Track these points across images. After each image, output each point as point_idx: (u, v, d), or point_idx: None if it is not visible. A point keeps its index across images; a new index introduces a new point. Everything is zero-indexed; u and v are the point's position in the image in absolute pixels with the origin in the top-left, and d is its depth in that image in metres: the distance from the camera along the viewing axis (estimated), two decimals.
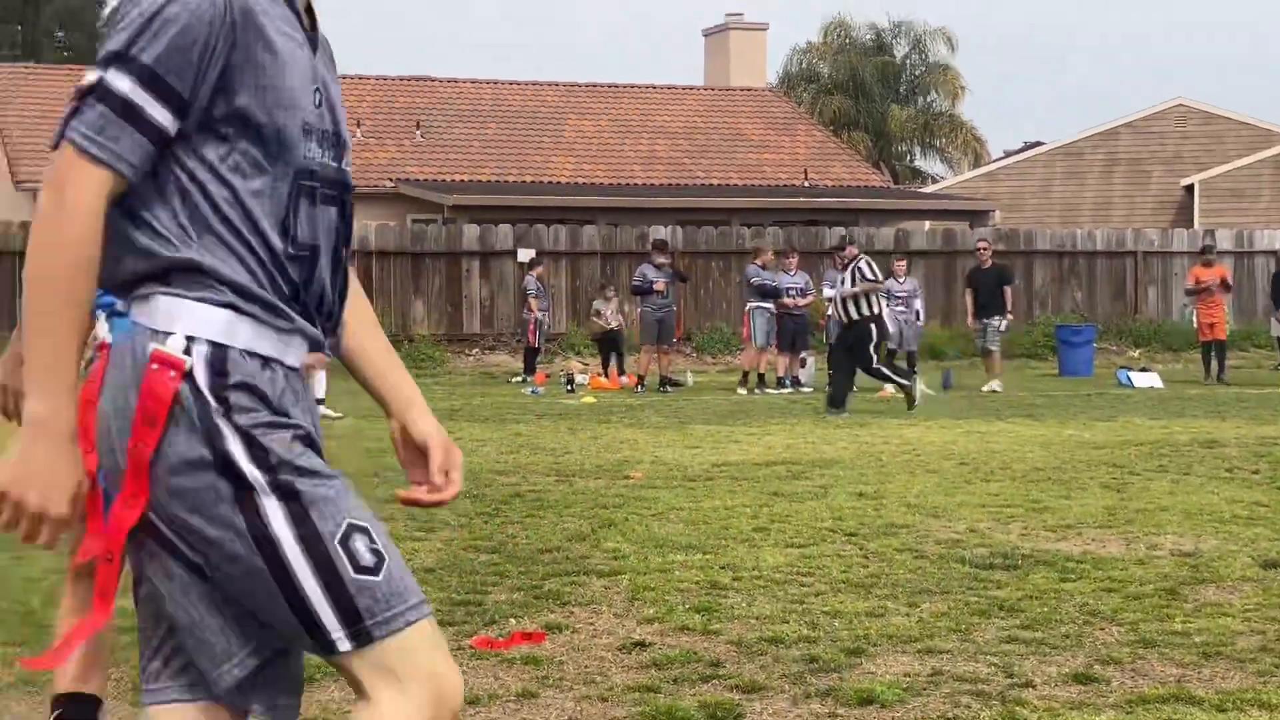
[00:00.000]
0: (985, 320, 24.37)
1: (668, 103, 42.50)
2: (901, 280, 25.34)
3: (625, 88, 43.10)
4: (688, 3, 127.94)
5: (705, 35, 46.28)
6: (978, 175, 46.81)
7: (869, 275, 19.07)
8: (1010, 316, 24.84)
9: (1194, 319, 26.71)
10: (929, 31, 55.82)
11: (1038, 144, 48.56)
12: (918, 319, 25.94)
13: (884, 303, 19.92)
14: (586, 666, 6.01)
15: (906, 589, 7.46)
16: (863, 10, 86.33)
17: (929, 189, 47.86)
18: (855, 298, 18.96)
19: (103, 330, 2.97)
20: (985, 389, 23.04)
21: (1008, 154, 51.76)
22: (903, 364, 24.09)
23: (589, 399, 21.80)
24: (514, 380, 26.02)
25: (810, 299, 24.78)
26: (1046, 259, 34.74)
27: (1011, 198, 42.69)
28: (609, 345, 25.82)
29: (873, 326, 19.06)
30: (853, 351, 19.01)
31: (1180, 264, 35.07)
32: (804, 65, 56.68)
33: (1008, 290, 24.64)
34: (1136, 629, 6.58)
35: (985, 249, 25.54)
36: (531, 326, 26.11)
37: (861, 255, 19.70)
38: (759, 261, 24.80)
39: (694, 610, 6.95)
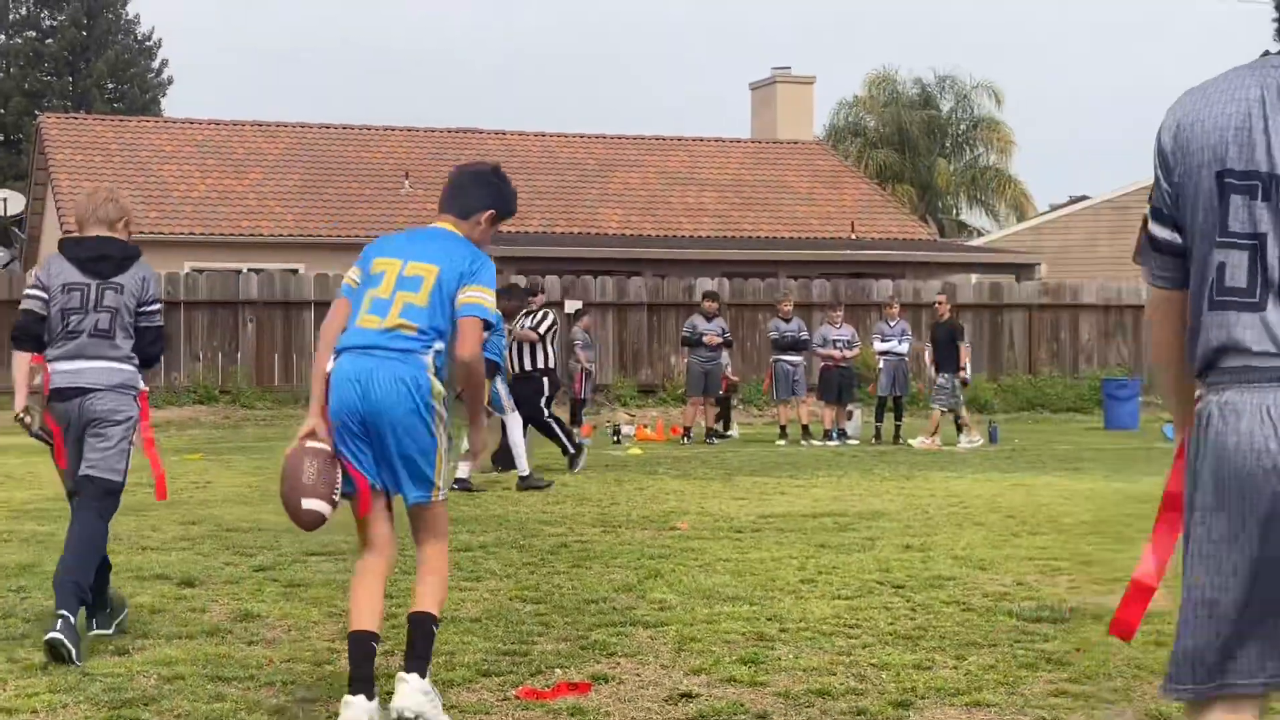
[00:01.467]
0: (942, 375, 23.56)
1: (715, 155, 42.60)
2: (892, 325, 24.72)
3: (672, 140, 43.24)
4: (735, 56, 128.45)
5: (752, 89, 46.42)
6: (1023, 229, 46.74)
7: (544, 326, 17.82)
8: (962, 372, 23.60)
9: None
10: (974, 86, 55.88)
11: (1084, 198, 48.45)
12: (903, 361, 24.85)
13: (554, 353, 18.29)
14: (633, 717, 5.99)
15: (954, 641, 7.41)
16: (908, 64, 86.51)
17: (975, 242, 47.80)
18: (531, 348, 17.65)
19: None
20: (961, 447, 22.54)
21: (1054, 207, 51.65)
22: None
23: (635, 450, 21.80)
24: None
25: (856, 351, 24.72)
26: (1092, 313, 34.61)
27: (1057, 251, 42.58)
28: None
29: (545, 380, 17.75)
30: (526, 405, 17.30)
31: None
32: (850, 119, 56.79)
33: (960, 346, 23.87)
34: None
35: (942, 302, 24.86)
36: (578, 377, 26.07)
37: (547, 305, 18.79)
38: (781, 314, 24.89)
39: (741, 662, 6.92)
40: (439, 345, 5.89)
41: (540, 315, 17.96)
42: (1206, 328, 3.34)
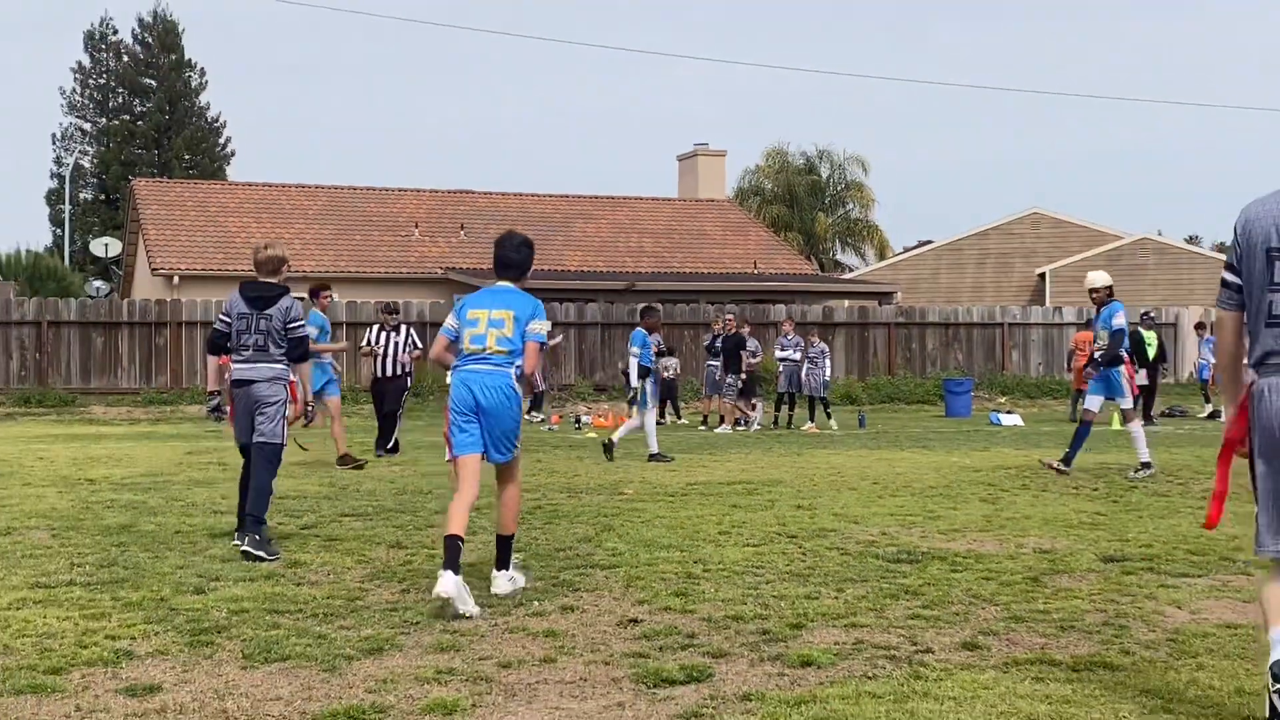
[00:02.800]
0: (729, 376, 23.56)
1: (651, 210, 42.54)
2: (788, 338, 24.56)
3: (619, 199, 43.14)
4: (667, 134, 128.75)
5: (679, 159, 46.39)
6: (883, 266, 46.89)
7: (403, 338, 17.09)
8: (743, 375, 23.45)
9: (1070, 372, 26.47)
10: (847, 158, 56.05)
11: (928, 242, 48.65)
12: (815, 368, 24.75)
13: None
14: (593, 638, 5.97)
15: (835, 578, 7.42)
16: (796, 139, 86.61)
17: (847, 276, 47.94)
18: (395, 359, 16.88)
19: None
20: (718, 430, 22.72)
21: (906, 249, 51.84)
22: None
23: (592, 434, 21.73)
24: (532, 420, 25.86)
25: (760, 359, 24.69)
26: (935, 329, 34.76)
27: (909, 282, 42.77)
28: (667, 390, 25.90)
29: (407, 379, 17.04)
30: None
31: (1036, 333, 35.15)
32: (751, 183, 56.81)
33: (742, 354, 23.52)
34: (1009, 608, 6.56)
35: (731, 320, 24.73)
36: (541, 380, 25.87)
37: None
38: (715, 330, 24.89)
39: (674, 594, 6.91)
40: (518, 363, 7.02)
41: (404, 331, 17.20)
42: (1263, 339, 4.35)
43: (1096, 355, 13.86)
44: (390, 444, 16.86)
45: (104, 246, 44.61)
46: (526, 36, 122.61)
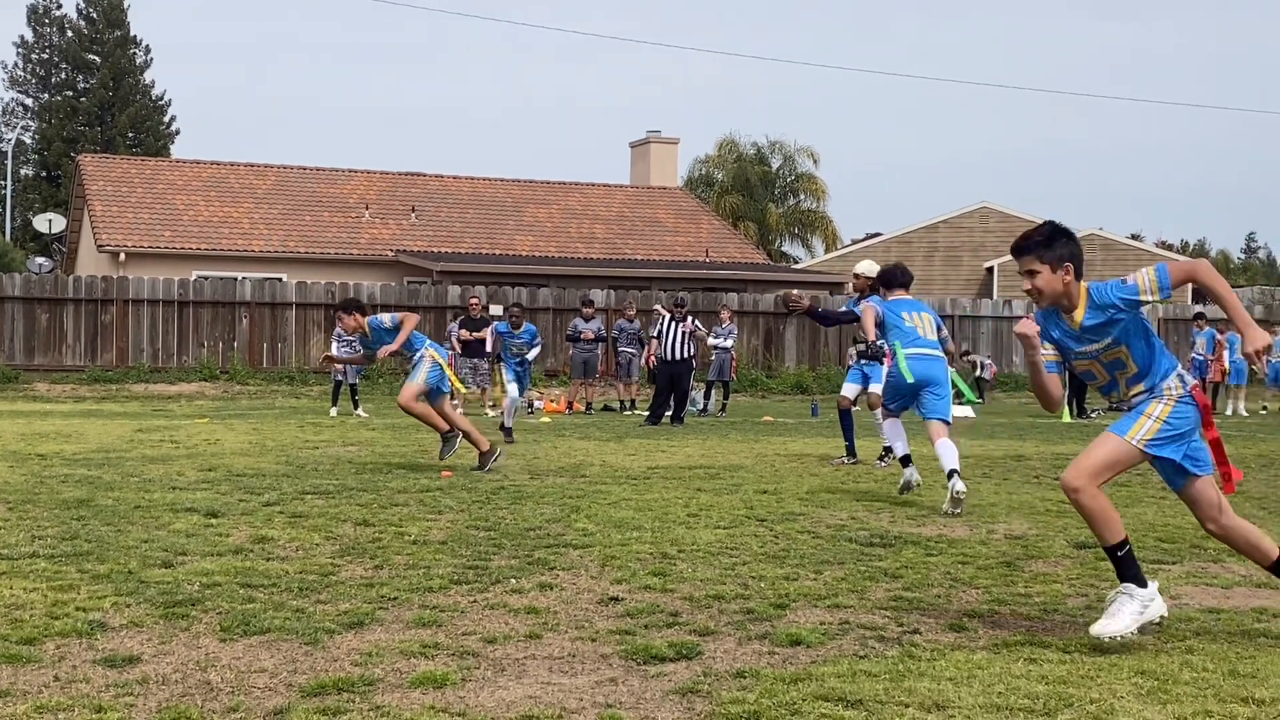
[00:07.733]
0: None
1: (603, 196, 42.41)
2: (723, 326, 24.65)
3: (571, 184, 42.99)
4: (619, 120, 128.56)
5: (632, 146, 46.28)
6: (833, 257, 47.04)
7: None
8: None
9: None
10: (798, 149, 56.11)
11: (878, 234, 48.83)
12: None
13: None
14: (575, 615, 5.87)
15: (811, 560, 7.37)
16: (747, 130, 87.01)
17: (799, 266, 48.01)
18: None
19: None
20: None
21: (855, 241, 51.98)
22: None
23: (546, 419, 21.65)
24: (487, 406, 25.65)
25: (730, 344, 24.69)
26: None
27: None
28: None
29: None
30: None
31: (985, 325, 35.37)
32: (702, 172, 56.77)
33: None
34: (990, 591, 6.53)
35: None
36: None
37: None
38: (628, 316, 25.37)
39: (652, 574, 6.82)
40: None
41: (690, 320, 21.26)
42: None
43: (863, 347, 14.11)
44: (678, 415, 20.47)
45: (48, 223, 43.86)
46: (480, 18, 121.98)
